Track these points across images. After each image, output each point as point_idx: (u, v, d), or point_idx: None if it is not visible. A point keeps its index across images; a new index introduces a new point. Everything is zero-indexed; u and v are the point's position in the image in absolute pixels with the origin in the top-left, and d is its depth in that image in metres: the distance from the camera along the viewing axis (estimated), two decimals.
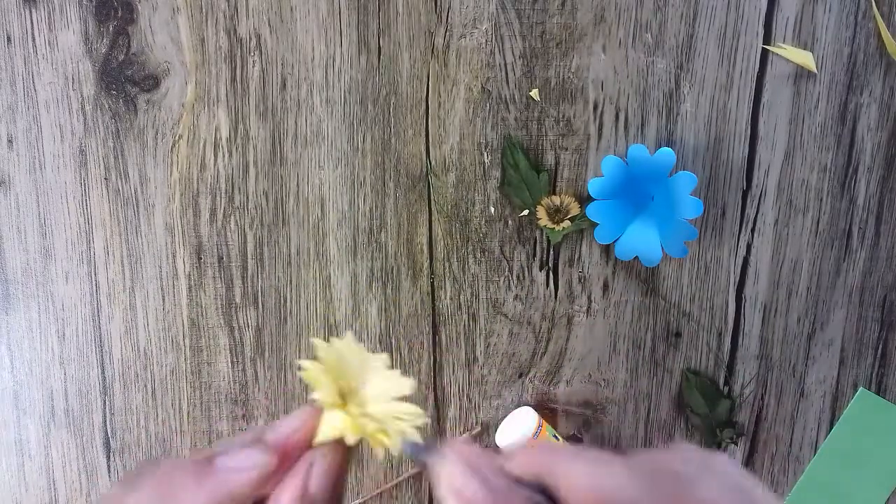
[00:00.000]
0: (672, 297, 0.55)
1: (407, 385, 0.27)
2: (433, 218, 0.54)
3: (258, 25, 0.51)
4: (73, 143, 0.52)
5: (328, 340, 0.28)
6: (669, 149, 0.49)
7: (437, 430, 0.56)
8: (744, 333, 0.56)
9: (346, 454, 0.28)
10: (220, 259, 0.54)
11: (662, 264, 0.55)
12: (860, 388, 0.56)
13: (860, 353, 0.56)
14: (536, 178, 0.53)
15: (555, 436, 0.54)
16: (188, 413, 0.56)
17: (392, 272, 0.54)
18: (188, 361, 0.55)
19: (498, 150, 0.53)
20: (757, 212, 0.54)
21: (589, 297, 0.55)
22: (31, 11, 0.51)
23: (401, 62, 0.52)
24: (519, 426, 0.53)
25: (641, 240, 0.52)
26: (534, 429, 0.53)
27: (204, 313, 0.55)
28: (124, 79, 0.51)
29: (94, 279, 0.54)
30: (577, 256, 0.54)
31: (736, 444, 0.56)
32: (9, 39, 0.51)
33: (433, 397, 0.56)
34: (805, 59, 0.52)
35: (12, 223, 0.53)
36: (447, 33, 0.51)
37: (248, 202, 0.53)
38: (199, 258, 0.54)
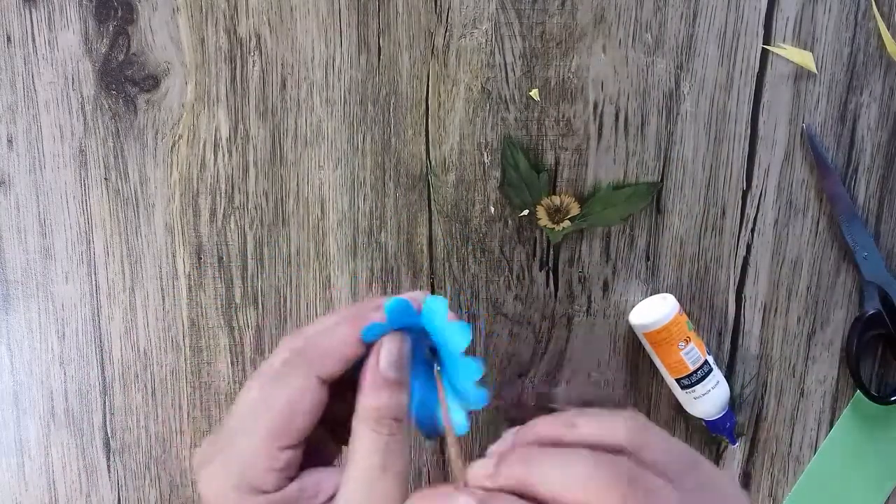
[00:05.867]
0: None
1: None
2: (433, 218, 0.54)
3: (258, 25, 0.51)
4: (73, 143, 0.52)
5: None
6: (465, 324, 0.36)
7: None
8: (744, 333, 0.56)
9: (408, 348, 0.35)
10: (220, 259, 0.54)
11: (662, 264, 0.55)
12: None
13: (860, 353, 0.56)
14: (536, 178, 0.53)
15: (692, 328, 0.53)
16: (188, 413, 0.56)
17: (392, 272, 0.54)
18: (188, 361, 0.55)
19: (498, 150, 0.53)
20: (757, 212, 0.54)
21: (589, 297, 0.55)
22: (31, 11, 0.51)
23: (401, 62, 0.52)
24: (656, 310, 0.53)
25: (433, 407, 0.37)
26: (672, 316, 0.52)
27: (204, 313, 0.55)
28: (124, 79, 0.51)
29: (94, 279, 0.54)
30: (577, 256, 0.54)
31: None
32: (9, 39, 0.51)
33: None
34: (805, 59, 0.52)
35: (12, 223, 0.53)
36: (447, 33, 0.51)
37: (248, 202, 0.53)
38: (199, 258, 0.54)
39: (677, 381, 0.53)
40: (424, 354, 0.38)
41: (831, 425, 0.57)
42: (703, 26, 0.52)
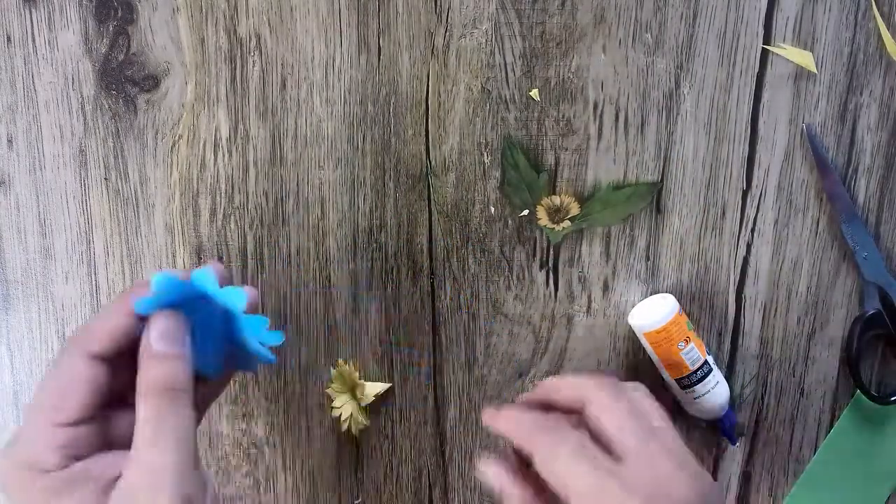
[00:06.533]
0: None
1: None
2: (433, 218, 0.54)
3: (258, 25, 0.51)
4: (73, 143, 0.52)
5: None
6: (239, 288, 0.40)
7: (436, 430, 0.56)
8: (744, 333, 0.56)
9: (182, 321, 0.37)
10: (220, 259, 0.54)
11: (662, 264, 0.55)
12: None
13: (860, 353, 0.56)
14: (536, 178, 0.53)
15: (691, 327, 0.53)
16: None
17: (392, 272, 0.54)
18: None
19: (498, 150, 0.53)
20: (757, 212, 0.54)
21: (589, 297, 0.55)
22: (31, 11, 0.51)
23: (401, 62, 0.52)
24: (656, 310, 0.52)
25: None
26: (672, 316, 0.52)
27: None
28: (124, 79, 0.51)
29: (94, 279, 0.54)
30: (577, 256, 0.54)
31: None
32: (9, 39, 0.51)
33: (433, 397, 0.56)
34: (805, 59, 0.52)
35: (12, 223, 0.53)
36: (447, 33, 0.51)
37: (248, 202, 0.53)
38: (199, 258, 0.54)
39: (677, 381, 0.53)
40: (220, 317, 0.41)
41: (831, 425, 0.57)
42: (703, 26, 0.52)
